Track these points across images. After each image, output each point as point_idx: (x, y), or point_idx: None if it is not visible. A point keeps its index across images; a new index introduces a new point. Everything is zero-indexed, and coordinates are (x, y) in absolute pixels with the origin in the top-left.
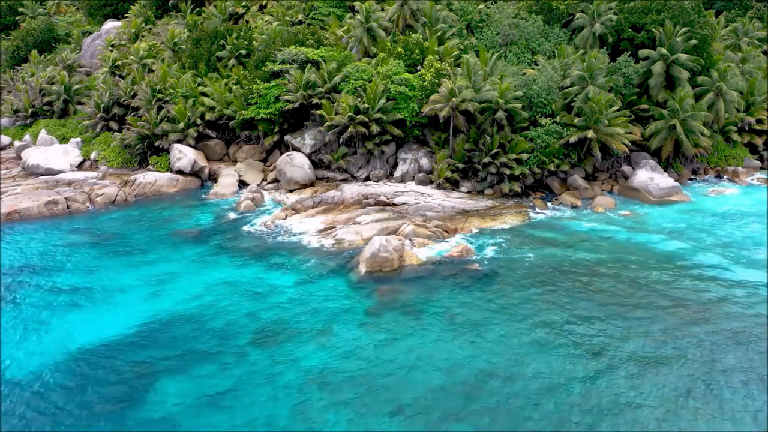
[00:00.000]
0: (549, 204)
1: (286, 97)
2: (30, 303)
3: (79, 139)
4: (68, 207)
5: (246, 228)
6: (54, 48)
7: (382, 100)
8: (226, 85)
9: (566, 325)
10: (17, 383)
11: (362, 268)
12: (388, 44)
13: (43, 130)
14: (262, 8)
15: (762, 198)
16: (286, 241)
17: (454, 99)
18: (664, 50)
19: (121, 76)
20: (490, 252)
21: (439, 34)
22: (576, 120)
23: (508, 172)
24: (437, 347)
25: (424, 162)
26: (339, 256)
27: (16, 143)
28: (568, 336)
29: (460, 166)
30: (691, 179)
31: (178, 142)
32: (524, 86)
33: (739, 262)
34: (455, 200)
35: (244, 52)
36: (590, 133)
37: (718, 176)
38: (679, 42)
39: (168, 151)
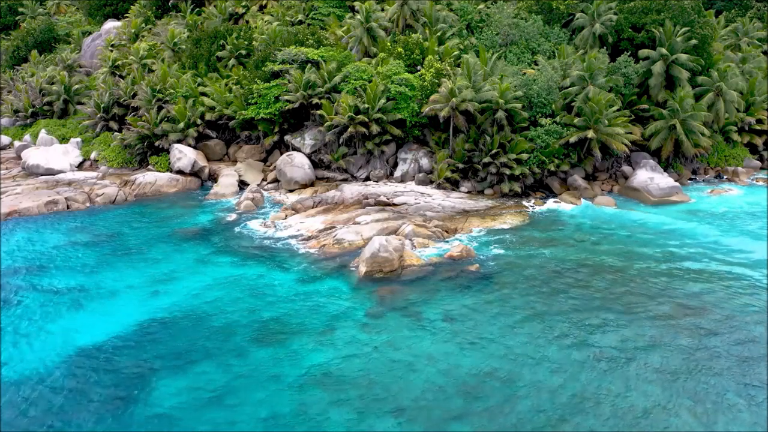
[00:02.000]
0: (549, 204)
1: (286, 97)
2: (30, 302)
3: (79, 139)
4: (68, 207)
5: (246, 228)
6: (54, 48)
7: (382, 100)
8: (226, 85)
9: (566, 325)
10: (17, 383)
11: (362, 269)
12: (388, 44)
13: (43, 130)
14: (262, 8)
15: (762, 198)
16: (285, 241)
17: (454, 99)
18: (664, 50)
19: (121, 76)
20: (490, 252)
21: (439, 34)
22: (576, 120)
23: (508, 172)
24: (437, 347)
25: (424, 162)
26: (339, 256)
27: (16, 143)
28: (568, 336)
29: (460, 166)
30: (691, 179)
31: (178, 142)
32: (524, 86)
33: (739, 262)
34: (455, 200)
35: (244, 52)
36: (590, 133)
37: (718, 176)
38: (679, 42)
39: (168, 151)
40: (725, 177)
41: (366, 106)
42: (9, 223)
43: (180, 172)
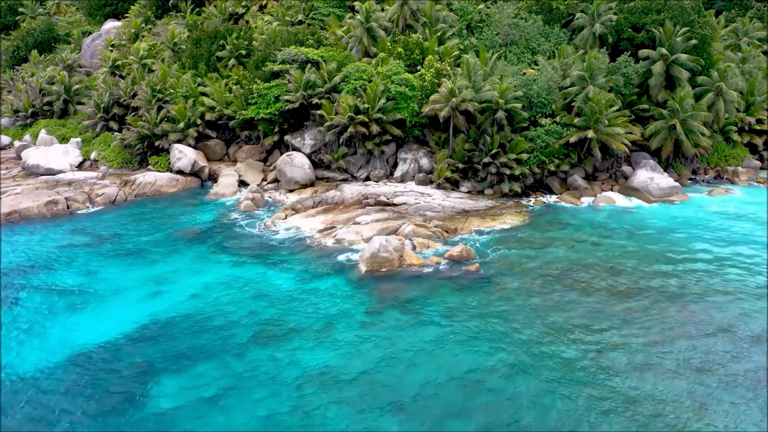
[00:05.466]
0: (549, 204)
1: (286, 97)
2: (30, 303)
3: (79, 139)
4: (68, 207)
5: (246, 228)
6: (54, 48)
7: (382, 100)
8: (226, 85)
9: (565, 324)
10: (18, 383)
11: (362, 268)
12: (388, 44)
13: (43, 130)
14: (262, 8)
15: (762, 198)
16: (286, 241)
17: (454, 99)
18: (664, 50)
19: (121, 76)
20: (489, 252)
21: (439, 34)
22: (576, 120)
23: (508, 172)
24: (437, 346)
25: (424, 162)
26: (339, 256)
27: (16, 143)
28: (567, 335)
29: (460, 166)
30: (691, 179)
31: (178, 142)
32: (524, 86)
33: (739, 261)
34: (455, 200)
35: (244, 52)
36: (590, 133)
37: (718, 176)
38: (679, 42)
39: (168, 151)
40: (725, 177)
41: (366, 106)
42: (9, 223)
43: (180, 172)
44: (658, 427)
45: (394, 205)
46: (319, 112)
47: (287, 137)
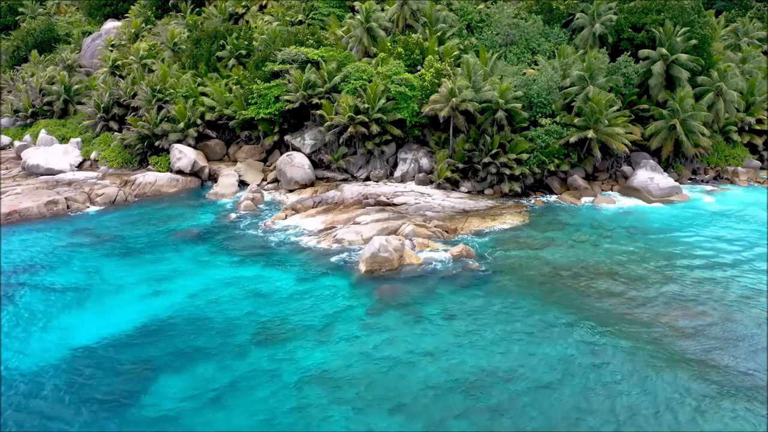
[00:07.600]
0: (549, 204)
1: (286, 97)
2: (30, 303)
3: (79, 139)
4: (68, 207)
5: (246, 228)
6: (54, 48)
7: (382, 100)
8: (226, 85)
9: (565, 324)
10: (18, 383)
11: (362, 268)
12: (388, 44)
13: (43, 130)
14: (262, 8)
15: (761, 198)
16: (286, 241)
17: (454, 99)
18: (664, 50)
19: (121, 76)
20: (489, 252)
21: (439, 34)
22: (576, 120)
23: (508, 172)
24: (437, 346)
25: (424, 162)
26: (339, 256)
27: (16, 143)
28: (567, 335)
29: (460, 166)
30: (691, 179)
31: (178, 142)
32: (524, 86)
33: (738, 261)
34: (455, 200)
35: (244, 52)
36: (590, 133)
37: (718, 176)
38: (679, 42)
39: (168, 151)
40: (725, 177)
41: (366, 106)
42: (9, 223)
43: (180, 172)
44: (662, 427)
45: (394, 205)
46: (319, 112)
47: (287, 137)
